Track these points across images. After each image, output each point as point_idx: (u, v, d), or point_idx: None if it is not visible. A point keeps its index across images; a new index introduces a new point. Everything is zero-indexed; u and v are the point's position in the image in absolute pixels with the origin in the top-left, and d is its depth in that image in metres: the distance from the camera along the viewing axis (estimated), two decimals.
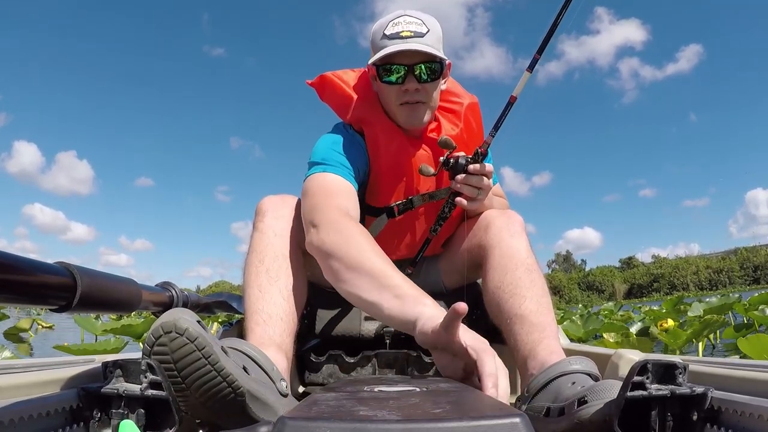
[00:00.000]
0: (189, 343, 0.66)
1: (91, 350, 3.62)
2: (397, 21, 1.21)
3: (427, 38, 1.20)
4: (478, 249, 1.24)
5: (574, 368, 0.89)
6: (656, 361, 0.73)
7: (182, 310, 0.70)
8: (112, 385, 0.74)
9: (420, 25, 1.20)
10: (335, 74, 1.37)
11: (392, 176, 1.30)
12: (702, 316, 4.80)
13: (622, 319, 5.68)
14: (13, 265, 0.63)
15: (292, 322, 1.05)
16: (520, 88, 1.22)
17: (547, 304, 1.09)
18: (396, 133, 1.28)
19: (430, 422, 0.50)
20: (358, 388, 0.81)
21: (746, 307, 4.89)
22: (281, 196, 1.22)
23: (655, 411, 0.73)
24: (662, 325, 3.90)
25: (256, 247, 1.11)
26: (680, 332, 3.31)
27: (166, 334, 0.66)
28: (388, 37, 1.20)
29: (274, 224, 1.13)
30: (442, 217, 1.30)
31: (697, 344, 3.49)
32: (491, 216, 1.26)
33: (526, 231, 1.22)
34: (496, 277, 1.15)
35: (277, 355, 0.94)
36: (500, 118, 1.23)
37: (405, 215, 1.34)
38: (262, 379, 0.82)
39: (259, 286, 1.05)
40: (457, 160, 1.22)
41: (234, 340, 0.87)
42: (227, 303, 1.58)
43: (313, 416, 0.53)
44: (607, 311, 8.00)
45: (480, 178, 1.21)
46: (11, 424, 0.65)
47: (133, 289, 0.98)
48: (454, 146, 1.21)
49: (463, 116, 1.34)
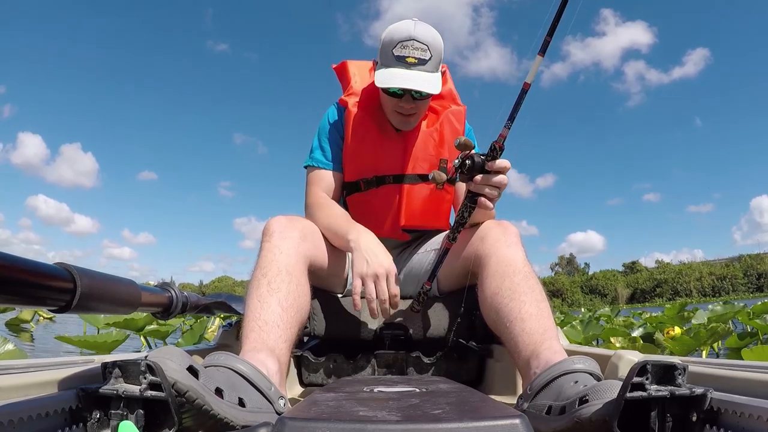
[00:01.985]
0: (179, 396, 0.71)
1: (91, 341, 3.61)
2: (405, 44, 1.34)
3: (429, 65, 1.35)
4: (475, 258, 1.27)
5: (577, 367, 0.89)
6: (656, 362, 0.73)
7: (170, 352, 0.74)
8: (111, 386, 0.74)
9: (425, 51, 1.35)
10: (353, 62, 1.63)
11: (359, 155, 1.47)
12: (706, 324, 4.76)
13: (624, 324, 5.65)
14: (12, 266, 0.63)
15: (289, 330, 1.07)
16: (533, 73, 1.16)
17: (547, 309, 1.10)
18: (367, 118, 1.47)
19: (430, 423, 0.50)
20: (358, 389, 0.81)
21: (750, 316, 4.85)
22: (289, 217, 1.30)
23: (655, 412, 0.73)
24: (669, 332, 3.89)
25: (261, 264, 1.16)
26: (687, 340, 3.29)
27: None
28: (395, 58, 1.34)
29: (280, 244, 1.19)
30: (461, 223, 1.27)
31: (700, 352, 3.47)
32: (487, 227, 1.29)
33: (521, 242, 1.24)
34: (494, 283, 1.16)
35: (268, 360, 0.97)
36: (515, 108, 1.17)
37: (376, 193, 1.49)
38: (259, 405, 0.85)
39: (259, 297, 1.09)
40: (473, 159, 1.16)
41: (232, 359, 0.89)
42: (227, 304, 1.57)
43: (312, 416, 0.53)
44: (605, 317, 7.91)
45: (501, 177, 1.17)
46: (10, 424, 0.64)
47: (132, 289, 0.98)
48: (471, 146, 1.17)
49: (443, 120, 1.51)
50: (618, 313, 9.54)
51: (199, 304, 1.39)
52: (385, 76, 1.35)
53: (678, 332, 3.84)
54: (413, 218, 1.50)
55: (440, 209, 1.52)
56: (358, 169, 1.49)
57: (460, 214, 1.26)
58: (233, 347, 1.44)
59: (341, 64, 1.65)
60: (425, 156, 1.49)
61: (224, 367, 0.87)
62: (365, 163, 1.49)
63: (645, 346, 3.43)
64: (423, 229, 1.54)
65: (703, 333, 3.34)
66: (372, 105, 1.51)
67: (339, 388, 0.87)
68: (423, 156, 1.49)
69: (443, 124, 1.51)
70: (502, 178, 1.17)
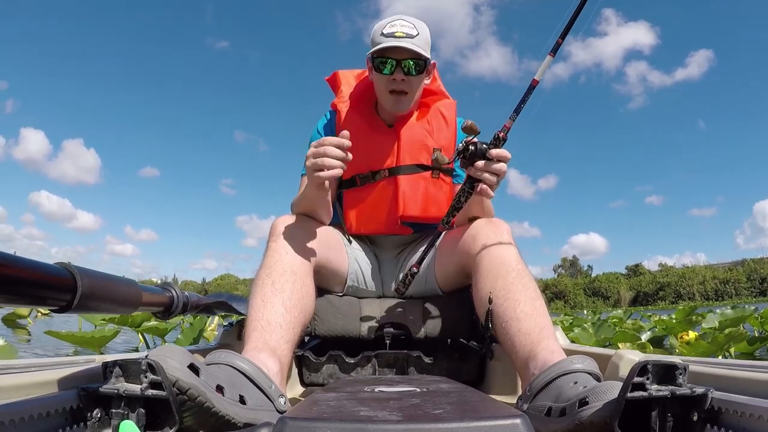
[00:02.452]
0: (180, 394, 0.71)
1: (79, 336, 3.60)
2: (393, 23, 1.43)
3: (416, 40, 1.41)
4: (467, 258, 1.27)
5: (576, 367, 0.89)
6: (656, 361, 0.73)
7: (171, 350, 0.74)
8: (112, 385, 0.74)
9: (411, 29, 1.42)
10: (344, 71, 1.69)
11: (353, 151, 1.41)
12: (717, 327, 4.68)
13: (633, 328, 5.60)
14: (13, 266, 0.63)
15: (292, 330, 1.08)
16: (542, 71, 1.17)
17: (542, 307, 1.10)
18: (358, 116, 1.52)
19: (431, 423, 0.50)
20: (359, 389, 0.81)
21: (761, 321, 4.78)
22: (295, 217, 1.32)
23: (656, 412, 0.73)
24: (683, 337, 3.83)
25: (266, 263, 1.17)
26: (703, 344, 3.23)
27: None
28: (384, 35, 1.42)
29: (285, 243, 1.21)
30: (456, 207, 1.24)
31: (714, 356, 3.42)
32: (479, 225, 1.29)
33: (513, 238, 1.24)
34: (488, 284, 1.16)
35: (269, 360, 0.97)
36: (521, 102, 1.17)
37: (372, 187, 1.51)
38: (260, 402, 0.86)
39: (262, 297, 1.09)
40: (476, 146, 1.16)
41: (233, 357, 0.90)
42: (227, 303, 1.57)
43: (313, 416, 0.53)
44: (616, 319, 7.80)
45: (501, 165, 1.16)
46: (11, 424, 0.64)
47: (133, 289, 0.98)
48: (478, 132, 1.17)
49: (434, 111, 1.55)
50: (630, 316, 9.35)
51: (200, 303, 1.39)
52: (375, 47, 1.41)
53: (693, 337, 3.77)
54: (411, 208, 1.49)
55: (438, 199, 1.51)
56: (352, 164, 1.47)
57: (456, 198, 1.24)
58: (234, 347, 1.44)
59: (333, 75, 1.70)
60: (419, 146, 1.51)
61: (225, 364, 0.88)
62: (359, 158, 1.46)
63: (656, 351, 3.36)
64: (422, 220, 1.53)
65: (721, 337, 3.23)
66: (362, 105, 1.55)
67: (340, 387, 0.87)
68: (416, 146, 1.51)
69: (434, 115, 1.55)
70: (502, 165, 1.16)
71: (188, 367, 0.74)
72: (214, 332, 4.79)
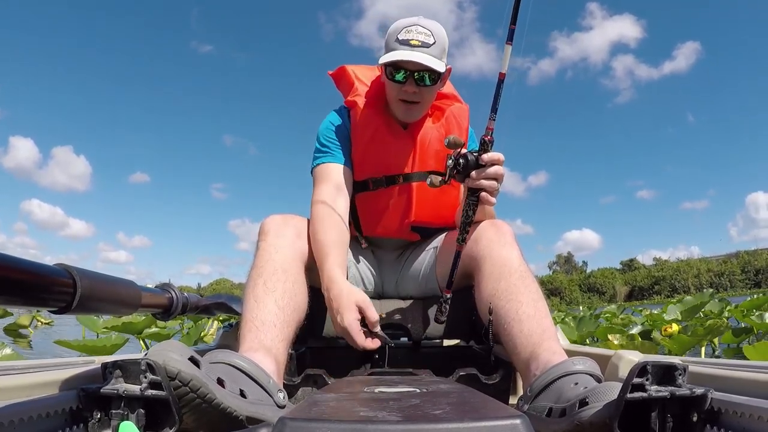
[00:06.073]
0: (182, 386, 0.71)
1: (91, 345, 3.60)
2: (410, 29, 1.36)
3: (432, 49, 1.34)
4: (470, 260, 1.27)
5: (577, 368, 0.89)
6: (656, 362, 0.73)
7: (171, 345, 0.74)
8: (111, 386, 0.74)
9: (428, 36, 1.35)
10: (351, 67, 1.60)
11: (368, 154, 1.44)
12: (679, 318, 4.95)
13: (622, 322, 5.65)
14: (13, 267, 0.63)
15: (287, 329, 1.08)
16: (506, 62, 1.16)
17: (544, 308, 1.10)
18: (375, 117, 1.45)
19: (431, 423, 0.50)
20: (358, 389, 0.81)
21: (743, 313, 4.89)
22: (284, 216, 1.30)
23: (655, 412, 0.73)
24: (666, 330, 3.89)
25: (258, 263, 1.16)
26: (683, 338, 3.30)
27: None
28: (399, 42, 1.35)
29: (275, 242, 1.20)
30: (467, 223, 1.23)
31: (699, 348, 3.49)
32: (482, 228, 1.28)
33: (516, 241, 1.24)
34: (490, 285, 1.16)
35: (265, 359, 0.97)
36: (495, 99, 1.17)
37: (385, 193, 1.47)
38: (259, 397, 0.86)
39: (255, 297, 1.09)
40: (467, 157, 1.17)
41: (230, 355, 0.91)
42: (226, 304, 1.57)
43: (313, 416, 0.53)
44: (610, 314, 7.93)
45: (496, 168, 1.17)
46: (11, 425, 0.64)
47: (132, 290, 0.98)
48: (461, 143, 1.19)
49: (448, 116, 1.49)
50: (624, 311, 9.53)
51: (199, 304, 1.39)
52: (388, 55, 1.35)
53: (675, 329, 3.84)
54: (422, 215, 1.48)
55: (448, 204, 1.49)
56: (367, 168, 1.47)
57: (464, 213, 1.24)
58: (233, 347, 1.43)
59: (339, 69, 1.62)
60: (433, 152, 1.47)
61: (223, 363, 0.88)
62: (375, 163, 1.46)
63: (644, 344, 3.42)
64: (432, 226, 1.52)
65: (701, 330, 3.34)
66: (379, 104, 1.48)
67: (339, 388, 0.87)
68: (430, 152, 1.47)
69: (448, 120, 1.49)
70: (497, 168, 1.16)
71: (189, 359, 0.74)
72: (212, 337, 4.79)
